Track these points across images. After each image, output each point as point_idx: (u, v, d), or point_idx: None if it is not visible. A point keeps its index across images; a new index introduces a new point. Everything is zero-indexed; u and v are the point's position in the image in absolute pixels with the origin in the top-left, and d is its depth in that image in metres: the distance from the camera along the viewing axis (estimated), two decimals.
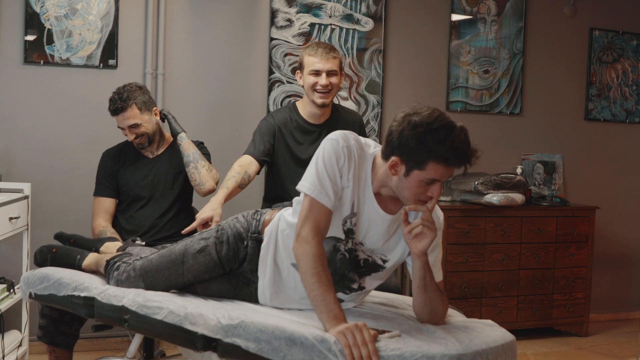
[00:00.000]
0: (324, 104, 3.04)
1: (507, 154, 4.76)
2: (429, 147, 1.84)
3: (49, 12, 3.69)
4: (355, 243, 2.05)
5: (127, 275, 2.24)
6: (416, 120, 1.87)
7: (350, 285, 2.09)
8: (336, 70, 3.03)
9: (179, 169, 3.12)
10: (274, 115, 3.16)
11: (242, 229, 2.15)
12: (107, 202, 3.12)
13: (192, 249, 2.17)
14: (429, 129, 1.84)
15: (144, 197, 3.11)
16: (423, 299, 2.00)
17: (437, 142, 1.84)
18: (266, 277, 2.11)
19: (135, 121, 3.03)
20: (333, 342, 1.73)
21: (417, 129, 1.85)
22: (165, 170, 3.13)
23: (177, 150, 3.12)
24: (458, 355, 1.74)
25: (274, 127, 3.09)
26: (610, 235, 5.02)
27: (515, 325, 4.25)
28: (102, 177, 3.14)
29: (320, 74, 2.99)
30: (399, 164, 1.90)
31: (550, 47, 4.84)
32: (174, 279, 2.19)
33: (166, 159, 3.15)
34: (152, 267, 2.22)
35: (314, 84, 3.00)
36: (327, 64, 2.99)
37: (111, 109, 3.03)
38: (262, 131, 3.09)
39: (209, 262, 2.15)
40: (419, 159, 1.86)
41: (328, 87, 3.00)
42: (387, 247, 2.07)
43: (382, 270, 2.10)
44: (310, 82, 3.01)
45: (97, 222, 3.07)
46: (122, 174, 3.13)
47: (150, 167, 3.14)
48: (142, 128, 3.05)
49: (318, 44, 3.05)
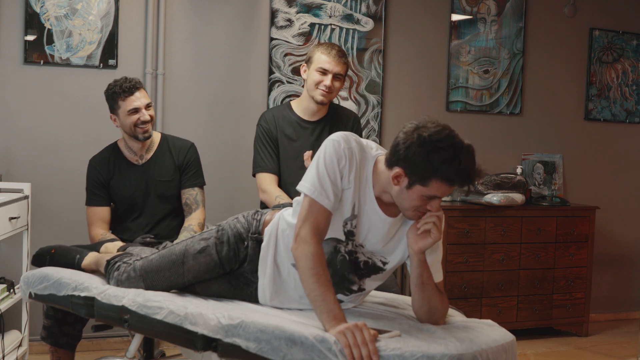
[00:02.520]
0: (323, 102, 3.07)
1: (507, 154, 4.76)
2: (435, 165, 1.84)
3: (49, 12, 3.69)
4: (355, 245, 2.05)
5: (128, 276, 2.24)
6: (425, 136, 1.86)
7: (350, 286, 2.09)
8: (342, 75, 3.06)
9: (169, 176, 3.06)
10: (266, 116, 3.17)
11: (243, 229, 2.15)
12: (102, 211, 3.04)
13: (192, 249, 2.17)
14: (437, 147, 1.84)
15: (138, 206, 3.03)
16: (421, 297, 2.00)
17: (443, 162, 1.83)
18: (266, 277, 2.11)
19: (150, 100, 2.98)
20: (333, 342, 1.73)
21: (424, 146, 1.85)
22: (156, 178, 3.04)
23: (165, 155, 3.07)
24: (458, 355, 1.74)
25: (270, 130, 3.12)
26: (610, 235, 5.02)
27: (515, 325, 4.25)
28: (93, 187, 3.04)
29: (327, 74, 3.02)
30: (403, 176, 1.90)
31: (550, 47, 4.84)
32: (174, 279, 2.19)
33: (155, 165, 3.05)
34: (152, 267, 2.22)
35: (318, 82, 3.03)
36: (336, 66, 3.02)
37: (127, 86, 2.92)
38: (263, 141, 3.12)
39: (210, 263, 2.14)
40: (424, 175, 1.86)
41: (331, 88, 3.03)
42: (387, 249, 2.07)
43: (381, 272, 2.10)
44: (315, 79, 3.03)
45: (95, 231, 2.99)
46: (114, 184, 3.04)
47: (140, 174, 3.04)
48: (152, 110, 3.00)
49: (332, 45, 3.08)
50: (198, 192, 3.09)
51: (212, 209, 3.50)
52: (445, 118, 4.55)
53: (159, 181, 3.04)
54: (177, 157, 3.07)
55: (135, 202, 3.04)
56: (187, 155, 3.09)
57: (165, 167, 3.06)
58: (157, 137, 3.12)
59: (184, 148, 3.10)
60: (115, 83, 2.96)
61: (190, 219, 3.05)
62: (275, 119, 3.13)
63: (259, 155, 3.12)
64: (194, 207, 3.06)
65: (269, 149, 3.11)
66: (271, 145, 3.11)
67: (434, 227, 1.93)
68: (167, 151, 3.08)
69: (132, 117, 2.94)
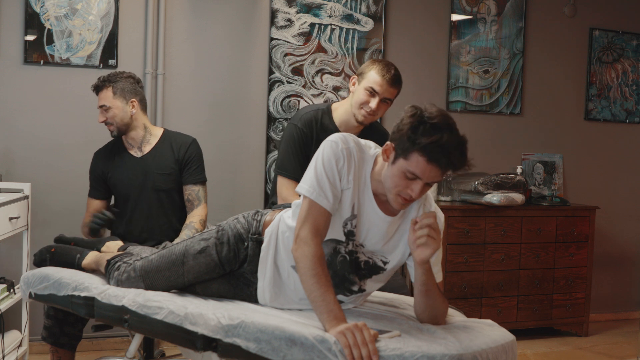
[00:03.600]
0: (364, 123, 2.90)
1: (507, 154, 4.76)
2: (417, 136, 1.85)
3: (49, 12, 3.69)
4: (355, 245, 2.05)
5: (128, 276, 2.24)
6: (419, 111, 1.88)
7: (351, 287, 2.09)
8: (390, 100, 2.88)
9: (168, 170, 3.06)
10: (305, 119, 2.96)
11: (243, 229, 2.14)
12: (96, 204, 3.12)
13: (192, 249, 2.17)
14: (424, 120, 1.86)
15: (132, 197, 3.05)
16: (425, 303, 2.01)
17: (425, 134, 1.84)
18: (266, 279, 2.10)
19: (105, 103, 3.01)
20: (333, 342, 1.73)
21: (414, 117, 1.87)
22: (155, 171, 3.05)
23: (165, 149, 3.08)
24: (458, 355, 1.74)
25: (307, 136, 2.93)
26: (610, 235, 5.02)
27: (515, 325, 4.25)
28: (93, 180, 3.14)
29: (375, 96, 2.81)
30: (391, 149, 1.92)
31: (550, 47, 4.84)
32: (174, 279, 2.19)
33: (154, 158, 3.07)
34: (152, 267, 2.22)
35: (364, 102, 2.83)
36: (388, 90, 2.83)
37: (96, 84, 3.04)
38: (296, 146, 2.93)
39: (210, 263, 2.14)
40: (406, 146, 1.87)
41: (376, 112, 2.85)
42: (387, 248, 2.07)
43: (382, 272, 2.09)
44: (362, 99, 2.83)
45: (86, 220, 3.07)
46: (112, 176, 3.08)
47: (138, 166, 3.06)
48: (110, 112, 3.01)
49: (390, 66, 2.85)
50: (200, 189, 3.10)
51: (212, 208, 3.50)
52: None
53: (156, 174, 3.04)
54: (178, 151, 3.08)
55: (131, 193, 3.05)
56: (189, 151, 3.09)
57: (164, 160, 3.06)
58: (158, 132, 3.13)
59: (185, 143, 3.10)
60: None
61: (192, 215, 3.05)
62: (315, 124, 2.94)
63: (288, 157, 2.93)
64: (195, 203, 3.08)
65: (301, 155, 2.91)
66: (304, 151, 2.92)
67: (429, 239, 1.92)
68: (167, 145, 3.09)
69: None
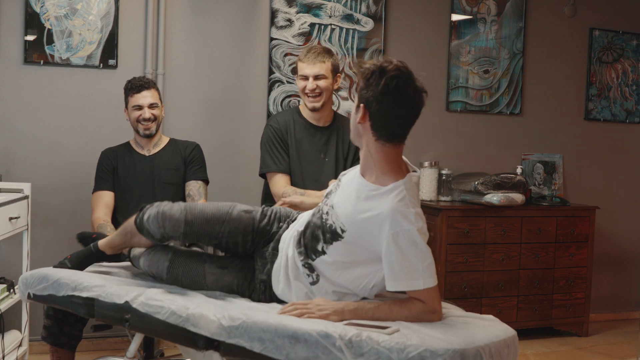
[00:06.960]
0: (314, 107, 3.09)
1: (507, 154, 4.76)
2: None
3: (49, 12, 3.68)
4: (330, 206, 2.14)
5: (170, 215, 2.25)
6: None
7: (316, 246, 2.13)
8: (324, 74, 3.05)
9: (175, 166, 3.24)
10: (277, 118, 3.19)
11: (284, 211, 2.39)
12: (107, 196, 3.19)
13: (240, 206, 2.34)
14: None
15: (141, 191, 3.16)
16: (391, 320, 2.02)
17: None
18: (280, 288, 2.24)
19: (156, 101, 3.20)
20: (337, 337, 1.73)
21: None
22: (162, 167, 3.23)
23: (173, 150, 3.27)
24: (461, 350, 1.74)
25: (281, 131, 3.13)
26: (610, 235, 5.02)
27: (515, 325, 4.22)
28: (102, 172, 3.23)
29: (307, 78, 3.05)
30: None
31: (550, 47, 4.84)
32: (213, 224, 2.27)
33: (162, 157, 3.26)
34: (197, 209, 2.29)
35: (303, 88, 3.08)
36: (313, 68, 3.03)
37: (137, 84, 3.19)
38: (274, 142, 3.12)
39: (248, 225, 2.29)
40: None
41: (316, 90, 3.05)
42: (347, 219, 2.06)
43: (340, 239, 2.07)
44: (300, 87, 3.10)
45: (96, 214, 3.12)
46: (120, 170, 3.21)
47: (147, 163, 3.23)
48: (157, 110, 3.21)
49: (310, 48, 3.11)
50: (201, 185, 3.26)
51: None
52: (445, 118, 4.55)
53: (163, 169, 3.22)
54: (184, 151, 3.29)
55: (137, 186, 3.17)
56: (193, 152, 3.30)
57: (171, 158, 3.26)
58: (165, 139, 3.34)
59: (190, 145, 3.35)
60: (130, 80, 3.23)
61: None
62: (288, 119, 3.16)
63: (269, 155, 3.11)
64: (196, 198, 3.20)
65: (281, 150, 3.11)
66: (282, 146, 3.12)
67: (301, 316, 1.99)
68: (174, 147, 3.31)
69: (136, 113, 3.21)
